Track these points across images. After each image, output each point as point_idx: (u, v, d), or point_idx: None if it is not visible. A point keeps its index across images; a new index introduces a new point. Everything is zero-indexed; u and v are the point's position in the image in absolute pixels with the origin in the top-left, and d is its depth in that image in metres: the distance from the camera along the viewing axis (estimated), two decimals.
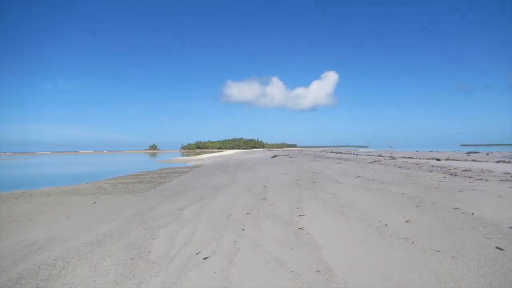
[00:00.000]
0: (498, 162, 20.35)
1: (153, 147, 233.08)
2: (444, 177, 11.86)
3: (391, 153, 41.29)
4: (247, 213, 8.12)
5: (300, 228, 6.44)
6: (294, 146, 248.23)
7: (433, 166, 17.64)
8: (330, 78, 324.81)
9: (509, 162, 20.15)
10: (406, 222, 6.36)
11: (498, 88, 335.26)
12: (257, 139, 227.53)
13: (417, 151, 49.14)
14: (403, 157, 28.74)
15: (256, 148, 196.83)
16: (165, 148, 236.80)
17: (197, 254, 5.45)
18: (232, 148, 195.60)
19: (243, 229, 6.70)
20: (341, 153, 49.28)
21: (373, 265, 4.43)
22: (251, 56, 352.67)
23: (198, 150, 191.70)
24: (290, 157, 37.25)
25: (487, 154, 33.53)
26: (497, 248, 4.66)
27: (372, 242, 5.39)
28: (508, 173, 12.33)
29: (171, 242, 6.26)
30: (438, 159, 24.13)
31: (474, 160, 22.68)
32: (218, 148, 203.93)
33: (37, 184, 21.43)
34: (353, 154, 40.69)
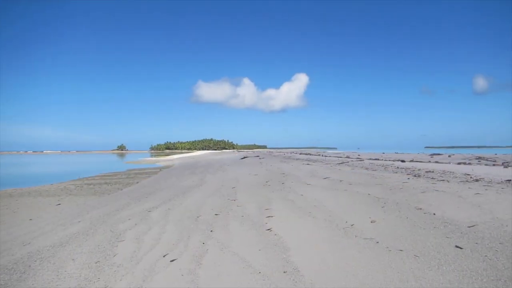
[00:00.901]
0: (459, 164, 21.19)
1: (121, 147, 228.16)
2: (408, 178, 12.22)
3: (359, 155, 42.19)
4: (215, 215, 8.10)
5: (269, 229, 6.48)
6: (264, 147, 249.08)
7: (398, 167, 18.15)
8: (301, 80, 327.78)
9: (469, 164, 21.02)
10: (372, 222, 6.51)
11: (460, 93, 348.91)
12: (228, 140, 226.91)
13: (383, 153, 50.40)
14: (370, 159, 29.44)
15: (226, 149, 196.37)
16: (134, 148, 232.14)
17: (164, 256, 5.38)
18: (202, 149, 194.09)
19: (211, 231, 6.68)
20: (310, 154, 49.95)
21: (339, 266, 4.51)
22: (222, 57, 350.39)
23: (167, 151, 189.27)
24: (260, 158, 37.40)
25: (449, 156, 34.88)
26: (457, 246, 4.85)
27: (339, 242, 5.49)
28: (468, 175, 12.84)
29: (137, 244, 6.16)
30: (403, 161, 24.86)
31: (437, 162, 23.53)
32: (188, 149, 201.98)
33: None
34: (322, 156, 41.33)
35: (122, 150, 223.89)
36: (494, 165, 19.42)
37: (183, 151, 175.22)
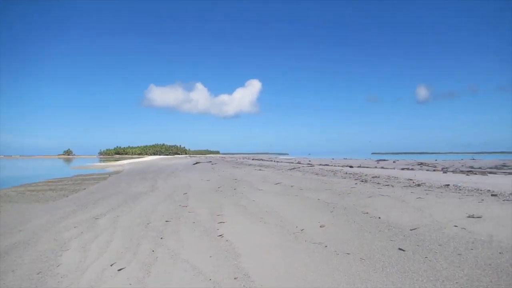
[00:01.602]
0: (402, 169, 22.20)
1: (68, 152, 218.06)
2: (356, 184, 12.63)
3: (309, 161, 43.09)
4: (166, 221, 7.97)
5: (220, 236, 6.47)
6: (217, 152, 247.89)
7: (346, 173, 18.70)
8: (254, 86, 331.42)
9: (412, 169, 22.09)
10: (321, 227, 6.68)
11: (406, 101, 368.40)
12: (180, 146, 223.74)
13: (333, 159, 51.82)
14: (320, 164, 30.13)
15: (179, 154, 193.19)
16: (82, 153, 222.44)
17: (111, 265, 5.23)
18: (154, 154, 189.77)
19: (161, 238, 6.57)
20: (262, 160, 50.33)
21: (289, 270, 4.59)
22: (175, 61, 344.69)
23: (117, 156, 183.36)
24: (212, 164, 37.18)
25: (393, 162, 36.50)
26: (400, 249, 5.08)
27: (289, 247, 5.59)
28: (411, 180, 13.48)
29: (83, 254, 5.94)
30: (351, 166, 25.66)
31: (382, 168, 24.52)
32: (139, 154, 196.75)
33: None
34: (274, 161, 41.75)
35: (68, 155, 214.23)
36: (434, 170, 20.52)
37: (134, 156, 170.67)
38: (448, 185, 11.29)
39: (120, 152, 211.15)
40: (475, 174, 16.68)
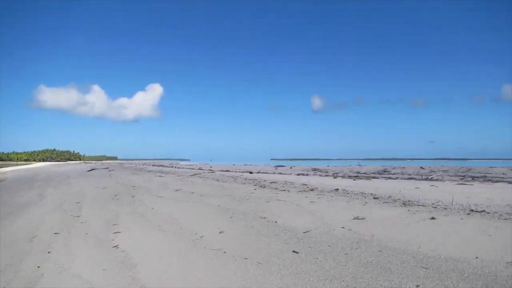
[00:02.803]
0: (298, 174, 23.47)
1: None
2: (255, 189, 13.02)
3: (211, 167, 43.22)
4: (55, 233, 7.38)
5: (115, 246, 6.18)
6: (115, 158, 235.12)
7: (246, 179, 19.17)
8: (155, 90, 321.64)
9: (307, 174, 23.46)
10: (220, 233, 6.76)
11: (302, 110, 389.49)
12: (73, 151, 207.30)
13: (234, 165, 52.59)
14: (221, 170, 30.44)
15: (72, 160, 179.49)
16: None
17: None
18: (43, 160, 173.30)
19: (49, 252, 6.06)
20: (163, 166, 49.18)
21: (187, 278, 4.56)
22: (69, 61, 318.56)
23: None
24: (109, 170, 35.33)
25: (290, 168, 38.36)
26: (294, 251, 5.37)
27: (188, 255, 5.56)
28: (306, 185, 14.31)
29: None
30: (251, 172, 26.35)
31: (280, 173, 25.62)
32: (26, 160, 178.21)
33: None
34: (175, 167, 41.11)
35: None
36: (326, 175, 22.06)
37: (20, 162, 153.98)
38: (338, 189, 12.21)
39: (2, 158, 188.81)
40: (361, 179, 18.30)
